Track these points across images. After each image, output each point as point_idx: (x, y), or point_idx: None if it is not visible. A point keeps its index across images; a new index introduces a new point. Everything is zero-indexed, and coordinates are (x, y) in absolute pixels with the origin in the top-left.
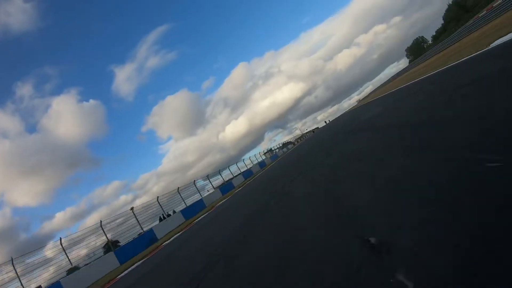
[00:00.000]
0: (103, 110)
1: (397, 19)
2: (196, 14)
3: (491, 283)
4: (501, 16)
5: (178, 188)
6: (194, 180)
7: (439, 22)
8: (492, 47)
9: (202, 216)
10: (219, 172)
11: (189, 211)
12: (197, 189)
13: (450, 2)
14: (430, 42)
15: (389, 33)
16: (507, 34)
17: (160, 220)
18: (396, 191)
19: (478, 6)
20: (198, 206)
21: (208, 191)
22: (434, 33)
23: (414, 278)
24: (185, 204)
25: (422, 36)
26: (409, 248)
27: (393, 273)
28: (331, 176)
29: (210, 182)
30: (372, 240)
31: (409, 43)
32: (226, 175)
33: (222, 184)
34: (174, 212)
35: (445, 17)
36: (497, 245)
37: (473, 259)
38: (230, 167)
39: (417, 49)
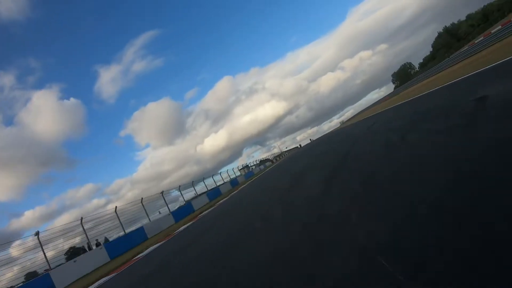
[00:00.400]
0: (83, 110)
1: (382, 46)
2: (187, 23)
3: None
4: (498, 42)
5: (142, 199)
6: (162, 191)
7: (424, 52)
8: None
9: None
10: (192, 183)
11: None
12: (165, 202)
13: (441, 30)
14: (417, 68)
15: (374, 59)
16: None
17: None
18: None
19: (470, 35)
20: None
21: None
22: (422, 60)
23: None
24: (149, 219)
25: (410, 63)
26: None
27: None
28: None
29: (182, 195)
30: None
31: (392, 71)
32: (200, 188)
33: (179, 207)
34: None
35: (435, 45)
36: None
37: None
38: (205, 180)
39: (403, 75)
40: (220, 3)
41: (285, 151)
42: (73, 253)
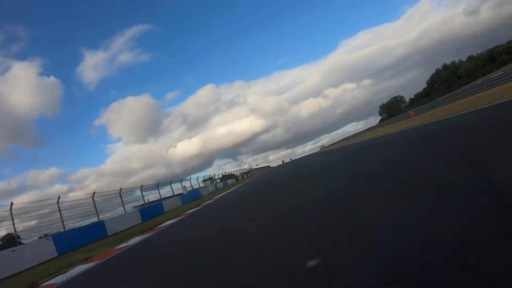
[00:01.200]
0: (61, 90)
1: (367, 81)
2: (181, 24)
3: None
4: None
5: (94, 193)
6: (121, 188)
7: (407, 93)
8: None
9: None
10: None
11: None
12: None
13: (440, 67)
14: (407, 102)
15: (357, 93)
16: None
17: None
18: None
19: (473, 75)
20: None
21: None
22: (413, 96)
23: None
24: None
25: (401, 96)
26: None
27: None
28: None
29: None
30: None
31: (373, 106)
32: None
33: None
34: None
35: (431, 81)
36: None
37: None
38: (172, 183)
39: (393, 108)
40: (218, 11)
41: (255, 169)
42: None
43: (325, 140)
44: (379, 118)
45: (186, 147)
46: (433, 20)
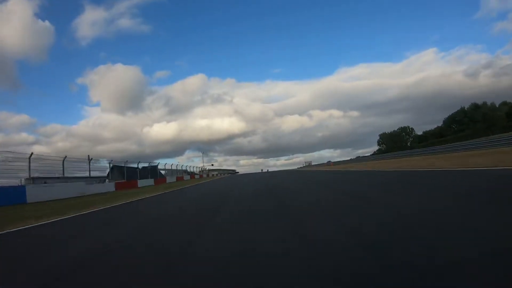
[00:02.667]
0: (52, 38)
1: (354, 113)
2: (191, 5)
3: None
4: None
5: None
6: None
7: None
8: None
9: None
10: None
11: None
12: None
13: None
14: (412, 137)
15: (341, 121)
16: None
17: None
18: None
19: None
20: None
21: None
22: (422, 132)
23: None
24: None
25: (412, 128)
26: None
27: None
28: None
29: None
30: None
31: (354, 138)
32: None
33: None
34: None
35: (450, 119)
36: None
37: None
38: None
39: (396, 140)
40: (230, 5)
41: (213, 170)
42: None
43: (299, 159)
44: (358, 151)
45: (162, 130)
46: (432, 72)
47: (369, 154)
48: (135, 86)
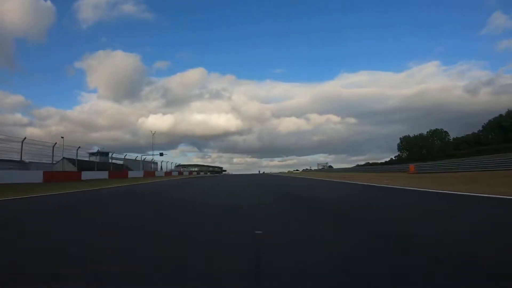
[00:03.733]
0: (53, 18)
1: (352, 120)
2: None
3: None
4: None
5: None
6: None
7: (385, 143)
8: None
9: None
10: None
11: None
12: None
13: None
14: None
15: (338, 127)
16: None
17: None
18: None
19: None
20: None
21: None
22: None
23: None
24: None
25: (446, 131)
26: None
27: None
28: None
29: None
30: None
31: (350, 145)
32: None
33: None
34: None
35: (495, 125)
36: None
37: None
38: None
39: (424, 145)
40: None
41: (187, 166)
42: None
43: (292, 161)
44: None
45: (158, 121)
46: (433, 85)
47: (383, 160)
48: (134, 75)
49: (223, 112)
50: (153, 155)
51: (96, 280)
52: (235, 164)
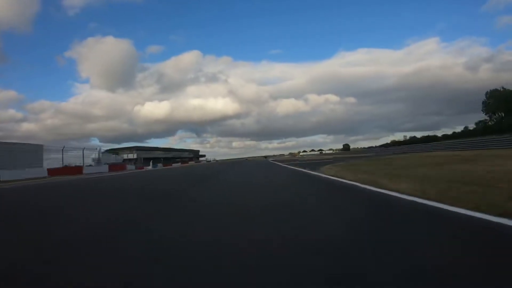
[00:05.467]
0: (37, 6)
1: (351, 99)
2: None
3: None
4: None
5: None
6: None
7: (386, 123)
8: None
9: None
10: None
11: None
12: None
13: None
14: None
15: (337, 107)
16: None
17: None
18: None
19: None
20: None
21: None
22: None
23: None
24: None
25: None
26: None
27: None
28: None
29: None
30: None
31: (348, 125)
32: None
33: None
34: None
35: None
36: None
37: None
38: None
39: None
40: None
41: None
42: None
43: (291, 143)
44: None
45: (154, 108)
46: (433, 62)
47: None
48: (127, 61)
49: (220, 96)
50: None
51: None
52: (235, 148)
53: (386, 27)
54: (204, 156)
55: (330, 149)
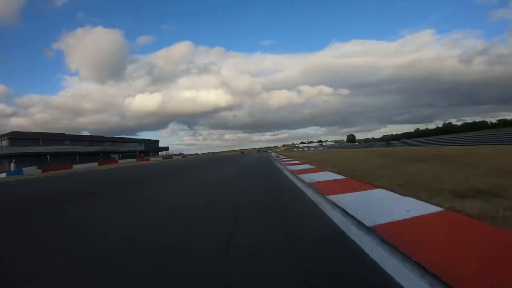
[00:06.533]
0: None
1: (344, 91)
2: None
3: None
4: None
5: None
6: None
7: (379, 115)
8: None
9: None
10: None
11: None
12: None
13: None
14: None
15: (331, 99)
16: None
17: None
18: None
19: None
20: None
21: None
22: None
23: None
24: None
25: None
26: None
27: None
28: None
29: None
30: None
31: (342, 117)
32: None
33: None
34: None
35: None
36: None
37: None
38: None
39: None
40: None
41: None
42: None
43: (284, 135)
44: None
45: (145, 101)
46: (427, 54)
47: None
48: (117, 52)
49: (212, 88)
50: None
51: None
52: (227, 141)
53: (380, 18)
54: (166, 149)
55: (332, 141)
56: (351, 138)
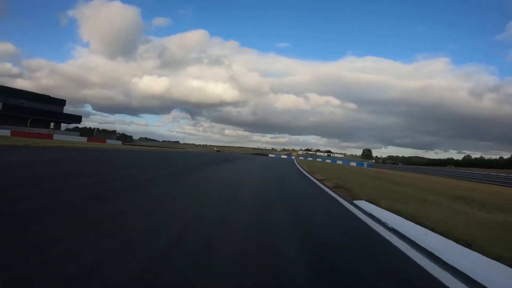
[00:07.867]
0: None
1: (351, 105)
2: None
3: None
4: None
5: None
6: None
7: (381, 135)
8: None
9: None
10: None
11: None
12: None
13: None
14: None
15: (337, 111)
16: None
17: None
18: None
19: None
20: None
21: None
22: None
23: None
24: None
25: None
26: None
27: None
28: None
29: None
30: None
31: (345, 130)
32: None
33: None
34: None
35: None
36: None
37: None
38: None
39: None
40: None
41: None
42: None
43: (284, 139)
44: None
45: (152, 83)
46: (438, 82)
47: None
48: (131, 29)
49: (220, 81)
50: None
51: None
52: (227, 136)
53: (398, 39)
54: (78, 119)
55: (342, 153)
56: (367, 154)
